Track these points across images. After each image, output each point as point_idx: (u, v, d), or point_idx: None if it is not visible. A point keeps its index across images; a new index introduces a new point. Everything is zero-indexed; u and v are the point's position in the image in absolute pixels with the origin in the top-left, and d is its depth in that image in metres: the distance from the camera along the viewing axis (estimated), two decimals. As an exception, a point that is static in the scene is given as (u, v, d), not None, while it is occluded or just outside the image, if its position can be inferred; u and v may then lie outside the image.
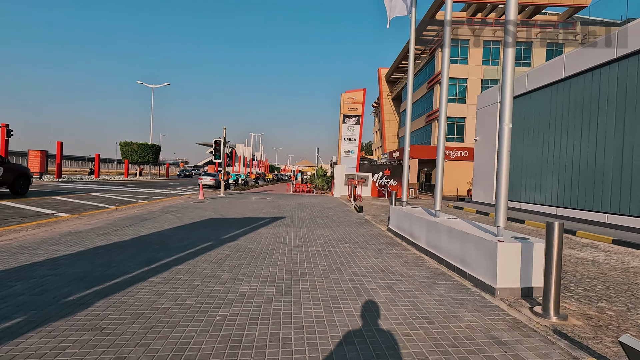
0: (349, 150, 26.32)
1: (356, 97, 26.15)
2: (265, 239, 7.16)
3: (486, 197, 15.95)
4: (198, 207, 13.32)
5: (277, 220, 9.98)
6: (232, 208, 13.10)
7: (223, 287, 4.16)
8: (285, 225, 9.18)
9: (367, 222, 10.00)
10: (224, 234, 7.67)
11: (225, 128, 21.21)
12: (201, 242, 6.70)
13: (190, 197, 18.00)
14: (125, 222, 9.02)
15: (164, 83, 43.75)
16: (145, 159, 40.11)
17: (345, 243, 6.98)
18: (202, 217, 10.41)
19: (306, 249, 6.38)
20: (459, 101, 33.51)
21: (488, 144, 15.78)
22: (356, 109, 26.13)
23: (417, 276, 4.80)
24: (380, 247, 6.65)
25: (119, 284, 4.15)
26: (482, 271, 4.22)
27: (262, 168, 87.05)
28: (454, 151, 32.44)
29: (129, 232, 7.62)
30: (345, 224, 9.59)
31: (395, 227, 7.82)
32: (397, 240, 7.40)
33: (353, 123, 26.16)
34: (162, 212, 11.55)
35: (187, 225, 8.82)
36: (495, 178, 4.37)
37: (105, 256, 5.46)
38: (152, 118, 45.14)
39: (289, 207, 13.97)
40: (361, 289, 4.22)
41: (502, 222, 4.24)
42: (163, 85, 43.69)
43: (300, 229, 8.60)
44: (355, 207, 12.98)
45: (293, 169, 43.78)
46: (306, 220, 10.27)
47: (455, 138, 33.79)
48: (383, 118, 57.47)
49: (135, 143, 39.56)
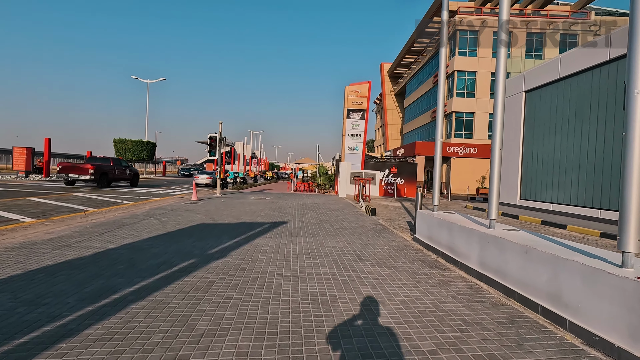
0: (354, 147, 24.78)
1: (361, 90, 24.59)
2: (263, 255, 5.63)
3: (509, 196, 14.44)
4: (189, 209, 11.80)
5: (278, 227, 8.45)
6: (226, 210, 11.58)
7: (195, 351, 2.63)
8: (287, 233, 7.66)
9: (384, 228, 8.47)
10: (212, 246, 6.14)
11: (221, 123, 19.68)
12: (181, 260, 5.17)
13: (183, 198, 16.49)
14: (97, 230, 7.50)
15: (160, 78, 42.16)
16: (140, 156, 38.50)
17: (367, 260, 5.45)
18: (191, 222, 8.88)
19: (317, 270, 4.86)
20: (467, 95, 31.94)
21: (512, 137, 14.25)
22: (361, 102, 24.58)
23: (486, 322, 3.27)
24: (413, 267, 5.13)
25: (26, 347, 2.61)
26: (607, 325, 2.68)
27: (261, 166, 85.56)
28: (462, 148, 30.92)
29: (94, 244, 6.10)
30: (360, 231, 8.06)
31: (426, 238, 6.30)
32: (430, 255, 5.87)
33: (358, 118, 24.61)
34: (147, 215, 10.03)
35: (170, 233, 7.29)
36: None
37: (43, 285, 3.94)
38: (147, 114, 43.52)
39: (290, 209, 12.44)
40: (413, 351, 2.69)
41: (633, 247, 2.70)
42: (159, 81, 42.09)
43: (306, 238, 7.08)
44: (366, 209, 11.45)
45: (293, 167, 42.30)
46: (312, 225, 8.74)
47: (464, 134, 32.23)
48: (385, 114, 55.89)
49: (130, 140, 37.94)
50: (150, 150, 39.65)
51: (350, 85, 24.67)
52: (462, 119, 32.19)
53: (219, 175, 19.38)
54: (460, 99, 31.74)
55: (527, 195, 13.49)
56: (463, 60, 31.45)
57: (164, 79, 41.95)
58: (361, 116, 24.59)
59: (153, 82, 42.63)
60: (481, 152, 30.73)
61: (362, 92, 24.58)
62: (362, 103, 24.57)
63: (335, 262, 5.25)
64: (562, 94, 11.82)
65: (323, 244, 6.54)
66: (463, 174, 30.87)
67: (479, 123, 31.84)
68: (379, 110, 62.22)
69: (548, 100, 12.42)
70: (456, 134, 32.18)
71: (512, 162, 14.26)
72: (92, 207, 11.96)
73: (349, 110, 24.53)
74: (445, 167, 32.77)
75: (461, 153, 30.90)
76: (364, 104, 24.60)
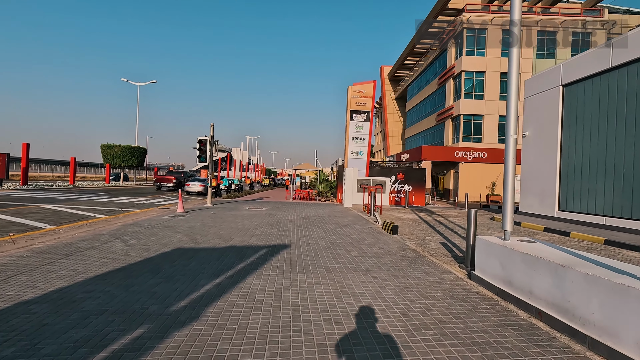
0: (357, 151, 22.86)
1: (365, 90, 22.72)
2: (256, 315, 3.62)
3: (543, 207, 12.50)
4: (170, 225, 9.77)
5: (278, 254, 6.44)
6: (214, 227, 9.55)
7: None
8: (290, 265, 5.65)
9: (418, 255, 6.45)
10: (180, 294, 4.13)
11: (213, 125, 17.71)
12: (119, 332, 3.15)
13: (169, 209, 14.46)
14: (33, 261, 5.48)
15: (151, 80, 40.19)
16: (129, 162, 36.39)
17: (422, 325, 3.45)
18: (165, 246, 6.86)
19: (348, 351, 2.85)
20: (475, 97, 30.18)
21: (547, 138, 12.35)
22: (365, 103, 22.71)
23: None
24: (509, 345, 3.13)
25: None
26: None
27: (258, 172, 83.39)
28: (471, 152, 29.09)
29: (7, 293, 4.08)
30: (388, 260, 6.05)
31: (499, 280, 4.28)
32: (516, 313, 3.85)
33: (362, 120, 22.71)
34: (113, 235, 8.00)
35: (129, 267, 5.27)
36: None
37: None
38: (137, 119, 41.44)
39: (291, 224, 10.43)
40: None
41: None
42: (150, 83, 40.10)
43: (317, 275, 5.07)
44: (385, 226, 9.42)
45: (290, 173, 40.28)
46: (322, 251, 6.74)
47: (472, 138, 30.42)
48: (386, 119, 54.16)
49: (118, 145, 35.84)
50: (140, 156, 37.57)
51: (354, 85, 22.81)
52: (471, 121, 30.40)
53: (210, 183, 17.33)
54: (468, 101, 29.99)
55: (569, 205, 11.55)
56: (471, 60, 29.75)
57: (155, 81, 39.98)
58: (365, 118, 22.70)
59: (144, 84, 40.69)
60: (491, 156, 28.93)
61: (366, 92, 22.72)
62: (366, 104, 22.70)
63: (375, 334, 3.23)
64: (614, 86, 9.94)
65: (344, 287, 4.52)
66: (472, 180, 29.03)
67: (488, 126, 30.06)
68: (379, 114, 60.52)
69: (596, 94, 10.56)
70: (464, 137, 30.37)
71: (547, 166, 12.36)
72: (54, 223, 9.93)
73: (352, 111, 22.64)
74: (452, 172, 30.93)
75: (470, 158, 29.07)
76: (368, 105, 22.73)
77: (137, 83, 40.50)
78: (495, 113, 29.88)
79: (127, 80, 40.06)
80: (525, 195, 13.48)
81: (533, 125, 13.04)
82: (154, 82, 40.18)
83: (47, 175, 50.68)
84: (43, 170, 57.79)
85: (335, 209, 16.45)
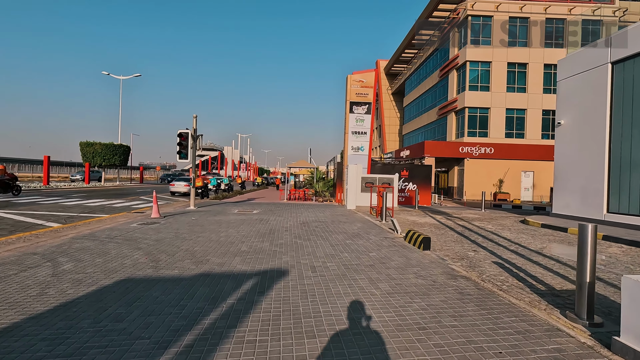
0: (358, 147, 20.81)
1: (366, 79, 20.67)
2: None
3: (585, 208, 10.57)
4: (133, 237, 7.63)
5: (271, 290, 4.37)
6: (189, 239, 7.43)
7: None
8: (292, 315, 3.60)
9: (482, 291, 4.29)
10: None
11: (196, 117, 15.53)
12: None
13: (144, 213, 12.32)
14: None
15: (135, 74, 37.63)
16: (111, 161, 33.84)
17: None
18: (108, 275, 4.74)
19: None
20: (481, 89, 28.32)
21: (586, 127, 10.44)
22: (366, 94, 20.66)
23: None
24: None
25: None
26: None
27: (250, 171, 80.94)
28: (477, 148, 27.23)
29: None
30: (440, 301, 3.98)
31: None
32: None
33: (362, 112, 20.66)
34: (49, 255, 5.89)
35: (21, 327, 3.14)
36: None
37: None
38: (120, 115, 38.80)
39: (288, 235, 8.35)
40: None
41: None
42: (134, 77, 37.56)
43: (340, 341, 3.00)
44: (411, 238, 7.32)
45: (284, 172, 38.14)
46: (337, 283, 4.67)
47: (478, 132, 28.56)
48: (382, 114, 52.22)
49: (98, 143, 33.27)
50: (123, 154, 35.05)
51: (354, 74, 20.74)
52: (476, 115, 28.54)
53: (194, 183, 15.14)
54: (473, 93, 28.12)
55: (622, 207, 9.62)
56: (476, 50, 27.87)
57: (139, 74, 37.46)
58: (367, 110, 20.66)
59: (127, 78, 38.18)
60: (498, 152, 27.10)
61: (367, 82, 20.67)
62: (367, 95, 20.65)
63: None
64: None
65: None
66: (478, 177, 27.20)
67: (495, 120, 28.22)
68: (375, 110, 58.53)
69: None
70: (469, 132, 28.50)
71: (591, 160, 10.44)
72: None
73: (352, 103, 20.57)
74: (456, 169, 29.08)
75: (476, 154, 27.21)
76: (369, 96, 20.68)
77: (119, 77, 37.97)
78: (502, 106, 28.06)
79: (109, 74, 37.54)
80: (561, 194, 11.55)
81: (571, 112, 11.10)
82: (137, 75, 37.66)
83: (26, 175, 47.69)
84: (24, 170, 54.57)
85: (337, 211, 14.38)
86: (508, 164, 27.22)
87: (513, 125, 28.42)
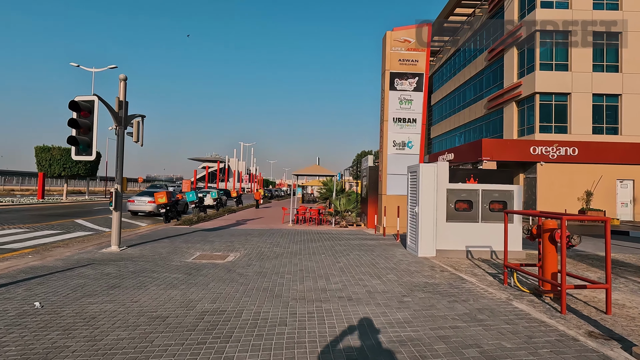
0: (403, 142, 13.46)
1: (414, 38, 13.41)
2: None
3: None
4: None
5: None
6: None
7: None
8: None
9: None
10: None
11: (125, 79, 8.40)
12: None
13: (54, 256, 5.01)
14: None
15: (109, 65, 30.93)
16: (73, 171, 26.90)
17: None
18: None
19: None
20: (557, 67, 20.88)
21: None
22: (416, 61, 13.39)
23: None
24: None
25: None
26: None
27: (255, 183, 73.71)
28: (553, 148, 19.61)
29: None
30: None
31: None
32: None
33: (410, 89, 13.34)
34: None
35: None
36: None
37: None
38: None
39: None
40: None
41: None
42: (108, 69, 30.86)
43: None
44: None
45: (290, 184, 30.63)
46: None
47: (554, 127, 20.96)
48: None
49: (57, 148, 26.43)
50: (89, 162, 28.02)
51: (395, 31, 13.49)
52: (551, 103, 20.98)
53: (116, 197, 7.81)
54: (546, 74, 20.64)
55: None
56: (548, 14, 20.50)
57: (115, 66, 30.72)
58: (416, 86, 13.33)
59: (101, 70, 31.54)
60: (583, 153, 19.45)
61: (416, 43, 13.40)
62: (417, 62, 13.36)
63: None
64: None
65: None
66: (556, 188, 19.51)
67: (577, 109, 20.61)
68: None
69: None
70: (542, 127, 20.91)
71: None
72: None
73: (392, 75, 13.27)
74: (522, 177, 21.43)
75: (552, 156, 19.56)
76: (421, 64, 13.39)
77: (90, 69, 31.38)
78: (587, 91, 20.49)
79: (79, 66, 30.98)
80: None
81: None
82: (113, 67, 30.95)
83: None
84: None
85: (394, 258, 6.94)
86: (598, 169, 19.54)
87: (603, 116, 20.75)
